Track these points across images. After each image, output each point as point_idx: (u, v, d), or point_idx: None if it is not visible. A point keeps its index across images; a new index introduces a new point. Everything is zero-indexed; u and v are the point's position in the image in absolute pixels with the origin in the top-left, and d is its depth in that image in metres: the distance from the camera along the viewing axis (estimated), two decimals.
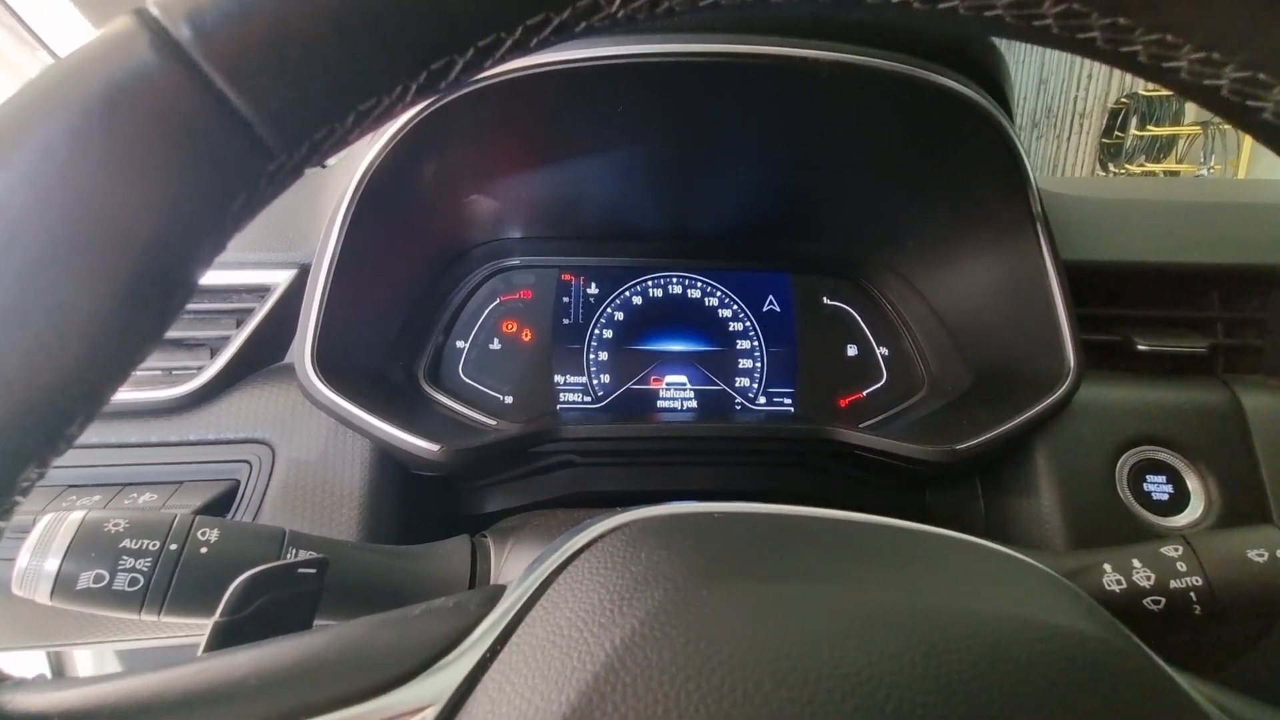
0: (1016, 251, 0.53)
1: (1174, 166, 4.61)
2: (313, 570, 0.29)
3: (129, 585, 0.30)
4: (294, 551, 0.34)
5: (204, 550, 0.32)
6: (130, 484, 0.47)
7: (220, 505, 0.46)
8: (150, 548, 0.31)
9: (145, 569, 0.31)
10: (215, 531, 0.33)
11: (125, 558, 0.31)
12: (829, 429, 0.57)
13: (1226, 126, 4.35)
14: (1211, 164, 4.35)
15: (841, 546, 0.24)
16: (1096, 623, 0.22)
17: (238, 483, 0.47)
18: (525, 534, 0.42)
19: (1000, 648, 0.19)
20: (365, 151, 0.47)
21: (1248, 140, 4.22)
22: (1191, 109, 4.67)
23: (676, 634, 0.18)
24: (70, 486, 0.46)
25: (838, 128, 0.53)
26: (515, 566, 0.40)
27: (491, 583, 0.40)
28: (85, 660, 0.80)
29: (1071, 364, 0.50)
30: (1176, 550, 0.38)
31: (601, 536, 0.24)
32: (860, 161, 0.57)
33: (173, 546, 0.32)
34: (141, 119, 0.15)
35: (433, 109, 0.44)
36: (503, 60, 0.18)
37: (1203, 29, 0.14)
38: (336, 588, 0.34)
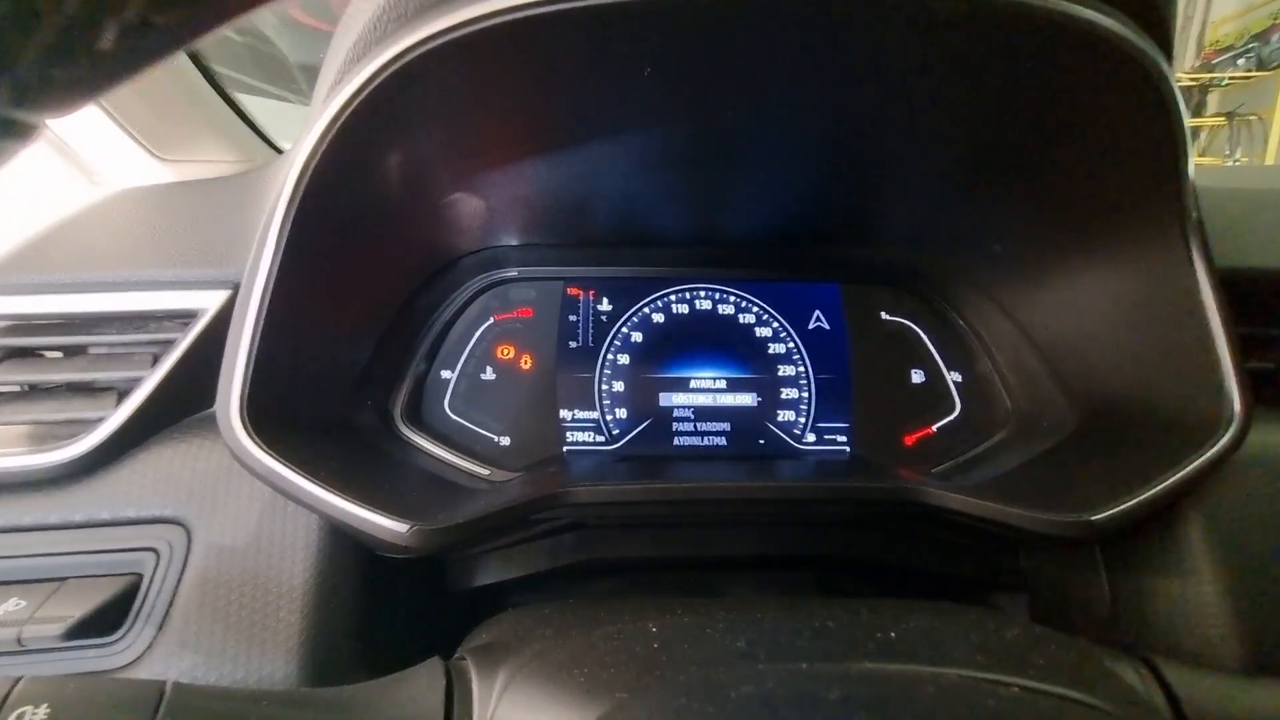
0: (1155, 259, 0.41)
1: (1197, 159, 4.51)
2: None
3: None
4: None
5: None
6: None
7: (114, 611, 0.35)
8: None
9: None
10: (45, 708, 0.22)
11: None
12: (909, 487, 0.45)
13: (1252, 117, 4.27)
14: (1237, 155, 4.27)
15: None
16: None
17: (139, 578, 0.36)
18: (523, 664, 0.30)
19: None
20: (304, 141, 0.36)
21: (1275, 130, 4.10)
22: (1214, 100, 4.57)
23: None
24: None
25: (912, 92, 0.39)
26: (509, 713, 0.28)
27: None
28: None
29: (1237, 405, 0.39)
30: None
31: None
32: (937, 139, 0.44)
33: None
34: None
35: (390, 74, 0.32)
36: None
37: None
38: None
